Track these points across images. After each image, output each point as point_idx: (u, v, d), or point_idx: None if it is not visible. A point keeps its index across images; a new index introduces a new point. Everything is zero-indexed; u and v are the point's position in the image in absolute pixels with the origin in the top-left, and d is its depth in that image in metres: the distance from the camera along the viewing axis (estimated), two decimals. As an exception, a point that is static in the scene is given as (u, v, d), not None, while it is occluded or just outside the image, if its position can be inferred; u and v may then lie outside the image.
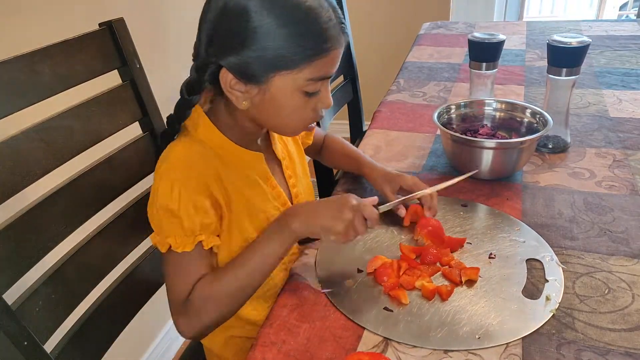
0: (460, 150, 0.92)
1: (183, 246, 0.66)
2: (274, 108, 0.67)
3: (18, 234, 0.63)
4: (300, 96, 0.65)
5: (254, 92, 0.65)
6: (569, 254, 0.73)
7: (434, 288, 0.67)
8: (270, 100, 0.66)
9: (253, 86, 0.65)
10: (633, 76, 1.33)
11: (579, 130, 1.08)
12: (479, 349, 0.59)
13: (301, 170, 0.86)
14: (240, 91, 0.65)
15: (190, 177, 0.66)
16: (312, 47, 0.62)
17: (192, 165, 0.68)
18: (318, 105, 0.68)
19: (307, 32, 0.61)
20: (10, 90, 0.64)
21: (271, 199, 0.76)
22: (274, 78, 0.64)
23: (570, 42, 0.93)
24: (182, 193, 0.65)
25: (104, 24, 0.79)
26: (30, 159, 0.66)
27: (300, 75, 0.63)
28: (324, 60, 0.63)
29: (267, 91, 0.65)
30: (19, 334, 0.60)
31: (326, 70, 0.65)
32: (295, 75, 0.63)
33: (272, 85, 0.64)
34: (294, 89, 0.65)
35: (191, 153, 0.69)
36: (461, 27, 1.87)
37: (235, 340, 0.82)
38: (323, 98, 0.68)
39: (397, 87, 1.38)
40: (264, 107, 0.67)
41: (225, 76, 0.64)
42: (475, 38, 1.04)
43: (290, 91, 0.65)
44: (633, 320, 0.62)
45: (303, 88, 0.65)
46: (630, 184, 0.89)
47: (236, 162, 0.72)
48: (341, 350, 0.60)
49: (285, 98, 0.65)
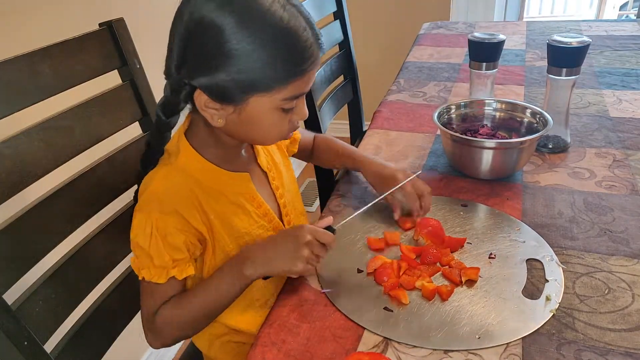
0: (460, 150, 0.92)
1: (157, 278, 0.67)
2: (250, 125, 0.66)
3: (18, 234, 0.63)
4: (276, 113, 0.65)
5: (229, 111, 0.64)
6: (569, 254, 0.73)
7: (434, 288, 0.67)
8: (246, 118, 0.65)
9: (228, 106, 0.63)
10: (633, 76, 1.33)
11: (579, 130, 1.08)
12: (479, 349, 0.59)
13: (288, 180, 0.85)
14: (216, 109, 0.64)
15: (164, 214, 0.65)
16: (289, 70, 0.61)
17: (168, 200, 0.66)
18: (294, 118, 0.68)
19: (285, 55, 0.60)
20: (10, 90, 0.64)
21: (257, 218, 0.74)
22: (250, 99, 0.62)
23: (570, 42, 0.93)
24: (153, 232, 0.65)
25: (104, 24, 0.80)
26: (31, 159, 0.66)
27: (277, 96, 0.62)
28: (301, 81, 0.63)
29: (243, 111, 0.64)
30: (19, 334, 0.60)
31: (303, 88, 0.64)
32: (272, 96, 0.62)
33: (248, 105, 0.63)
34: (270, 108, 0.64)
35: (171, 184, 0.67)
36: (461, 27, 1.87)
37: (231, 344, 0.81)
38: (299, 111, 0.67)
39: (397, 87, 1.38)
40: (240, 124, 0.66)
41: (200, 97, 0.62)
42: (475, 38, 1.04)
43: (267, 110, 0.64)
44: (633, 320, 0.62)
45: (279, 106, 0.64)
46: (630, 183, 0.89)
47: (219, 187, 0.71)
48: (341, 350, 0.60)
49: (262, 116, 0.65)
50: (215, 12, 0.57)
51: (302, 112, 0.68)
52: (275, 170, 0.81)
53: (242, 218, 0.73)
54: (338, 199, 0.91)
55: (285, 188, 0.82)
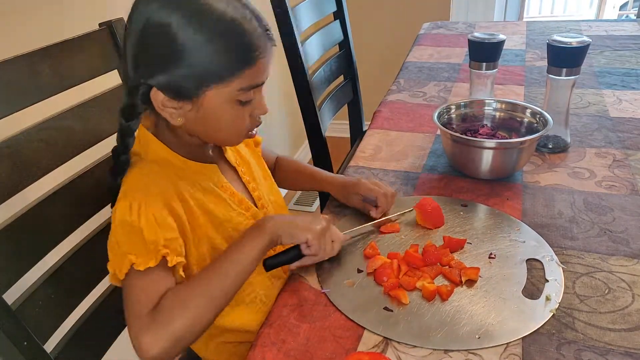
0: (460, 150, 0.92)
1: (145, 263, 0.61)
2: (210, 121, 0.66)
3: (18, 234, 0.63)
4: (234, 106, 0.65)
5: (187, 108, 0.65)
6: (569, 254, 0.73)
7: (435, 289, 0.67)
8: (204, 114, 0.65)
9: (186, 102, 0.64)
10: (633, 76, 1.33)
11: (579, 130, 1.08)
12: (479, 348, 0.59)
13: (261, 174, 0.85)
14: (174, 108, 0.64)
15: (150, 195, 0.64)
16: (239, 59, 0.62)
17: (151, 185, 0.66)
18: (255, 112, 0.68)
19: (232, 45, 0.61)
20: (10, 90, 0.64)
21: (234, 206, 0.75)
22: (205, 93, 0.63)
23: (570, 42, 0.93)
24: (141, 208, 0.63)
25: (104, 24, 0.80)
26: (31, 159, 0.66)
27: (231, 86, 0.63)
28: (253, 70, 0.64)
29: (201, 106, 0.64)
30: (19, 333, 0.60)
31: (256, 78, 0.65)
32: (226, 87, 0.63)
33: (205, 100, 0.64)
34: (227, 100, 0.65)
35: (149, 174, 0.67)
36: (461, 27, 1.87)
37: (227, 345, 0.81)
38: (258, 105, 0.68)
39: (397, 87, 1.38)
40: (200, 121, 0.66)
41: (156, 96, 0.63)
42: (475, 38, 1.04)
43: (224, 103, 0.65)
44: (633, 320, 0.62)
45: (236, 98, 0.65)
46: (630, 183, 0.89)
47: (192, 176, 0.71)
48: (341, 350, 0.60)
49: (220, 110, 0.65)
50: (159, 11, 0.59)
51: (262, 106, 0.69)
52: (244, 165, 0.82)
53: (219, 205, 0.73)
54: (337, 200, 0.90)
55: (257, 182, 0.82)
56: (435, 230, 0.79)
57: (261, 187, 0.82)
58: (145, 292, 0.61)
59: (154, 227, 0.62)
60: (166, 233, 0.63)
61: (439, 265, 0.71)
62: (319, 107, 1.36)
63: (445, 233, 0.78)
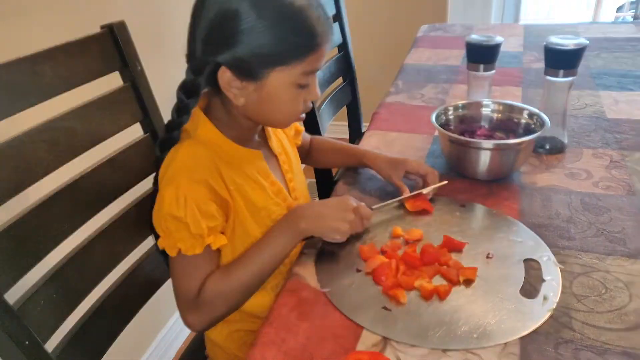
0: (458, 151, 0.92)
1: (192, 249, 0.68)
2: (269, 102, 0.70)
3: (20, 234, 0.64)
4: (293, 89, 0.69)
5: (250, 89, 0.68)
6: (566, 254, 0.74)
7: (433, 288, 0.67)
8: (266, 95, 0.69)
9: (250, 82, 0.67)
10: (630, 78, 1.34)
11: (576, 131, 1.09)
12: (478, 348, 0.59)
13: (297, 168, 0.88)
14: (238, 88, 0.68)
15: (194, 182, 0.68)
16: (304, 44, 0.66)
17: (196, 168, 0.69)
18: (308, 97, 0.72)
19: (299, 31, 0.65)
20: (12, 92, 0.65)
21: (272, 195, 0.78)
22: (270, 74, 0.67)
23: (567, 44, 0.93)
24: (187, 200, 0.67)
25: (105, 27, 0.80)
26: (32, 160, 0.66)
27: (294, 70, 0.67)
28: (315, 56, 0.67)
29: (264, 87, 0.68)
30: (20, 333, 0.60)
31: (316, 64, 0.69)
32: (290, 70, 0.67)
33: (269, 81, 0.67)
34: (289, 83, 0.68)
35: (195, 155, 0.70)
36: (459, 29, 1.88)
37: (240, 333, 0.83)
38: (312, 90, 0.72)
39: (395, 89, 1.39)
40: (260, 102, 0.70)
41: (223, 74, 0.66)
42: (472, 40, 1.05)
43: (286, 85, 0.68)
44: (630, 319, 0.62)
45: (297, 81, 0.68)
46: (627, 184, 0.89)
47: (236, 161, 0.74)
48: (340, 350, 0.60)
49: (281, 92, 0.69)
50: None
51: (315, 92, 0.73)
52: (285, 155, 0.85)
53: (259, 193, 0.76)
54: (337, 199, 0.91)
55: (294, 173, 0.85)
56: (439, 228, 0.79)
57: (295, 179, 0.85)
58: (192, 276, 0.70)
59: (198, 220, 0.67)
60: (209, 221, 0.69)
61: (437, 265, 0.72)
62: (318, 109, 1.36)
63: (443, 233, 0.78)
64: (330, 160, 1.01)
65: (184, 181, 0.67)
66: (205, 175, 0.69)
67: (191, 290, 0.70)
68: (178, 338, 1.61)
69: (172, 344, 1.59)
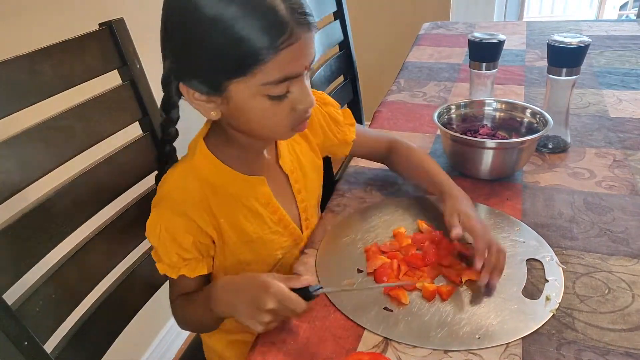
0: (460, 150, 0.92)
1: (169, 273, 0.70)
2: (243, 115, 0.62)
3: (18, 234, 0.63)
4: (264, 101, 0.60)
5: (218, 102, 0.62)
6: (569, 254, 0.73)
7: (435, 289, 0.67)
8: (236, 108, 0.61)
9: (215, 96, 0.61)
10: (633, 76, 1.33)
11: (579, 130, 1.08)
12: (479, 349, 0.59)
13: (314, 184, 0.83)
14: (204, 101, 0.62)
15: (175, 214, 0.67)
16: (256, 49, 0.55)
17: (181, 201, 0.67)
18: (297, 106, 0.62)
19: (247, 34, 0.55)
20: (10, 91, 0.64)
21: (271, 224, 0.74)
22: (229, 86, 0.59)
23: (570, 42, 0.93)
24: (162, 231, 0.66)
25: (104, 24, 0.80)
26: (31, 159, 0.66)
27: (253, 81, 0.58)
28: (277, 61, 0.57)
29: (230, 99, 0.61)
30: (19, 334, 0.60)
31: (284, 70, 0.58)
32: (248, 81, 0.58)
33: (231, 94, 0.60)
34: (254, 94, 0.59)
35: (183, 187, 0.68)
36: (461, 27, 1.87)
37: (239, 343, 0.82)
38: (300, 98, 0.61)
39: (397, 87, 1.38)
40: (235, 115, 0.63)
41: (185, 90, 0.62)
42: (475, 38, 1.04)
43: (251, 98, 0.60)
44: (633, 320, 0.62)
45: (264, 92, 0.59)
46: (630, 184, 0.89)
47: (232, 191, 0.70)
48: (341, 350, 0.60)
49: (249, 106, 0.61)
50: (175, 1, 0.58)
51: (305, 100, 0.62)
52: (300, 173, 0.79)
53: (253, 222, 0.72)
54: (338, 199, 0.91)
55: (309, 192, 0.81)
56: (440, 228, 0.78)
57: (310, 199, 0.81)
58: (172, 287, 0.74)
59: (170, 252, 0.67)
60: (183, 254, 0.68)
61: (439, 266, 0.71)
62: (319, 107, 1.36)
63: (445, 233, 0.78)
64: (411, 176, 0.89)
65: (165, 211, 0.67)
66: (188, 209, 0.67)
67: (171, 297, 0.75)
68: (178, 338, 1.61)
69: (172, 345, 1.59)
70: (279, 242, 0.75)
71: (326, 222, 0.84)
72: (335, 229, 0.81)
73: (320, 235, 0.80)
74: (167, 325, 1.58)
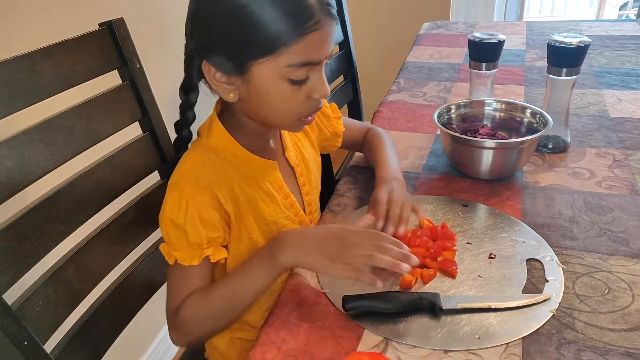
0: (460, 150, 0.92)
1: (190, 260, 0.65)
2: (261, 98, 0.64)
3: (18, 234, 0.63)
4: (285, 85, 0.62)
5: (238, 83, 0.63)
6: (569, 254, 0.73)
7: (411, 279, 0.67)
8: (255, 91, 0.63)
9: (236, 77, 0.63)
10: (633, 76, 1.33)
11: (579, 130, 1.08)
12: (479, 349, 0.59)
13: (315, 179, 0.84)
14: (225, 83, 0.63)
15: (199, 189, 0.65)
16: (286, 29, 0.58)
17: (203, 176, 0.66)
18: (313, 95, 0.64)
19: (280, 15, 0.57)
20: (10, 91, 0.64)
21: (283, 208, 0.74)
22: (252, 67, 0.61)
23: (570, 42, 0.93)
24: (189, 206, 0.64)
25: (104, 24, 0.80)
26: (31, 159, 0.66)
27: (278, 61, 0.60)
28: (303, 44, 0.59)
29: (250, 81, 0.62)
30: (19, 334, 0.60)
31: (308, 55, 0.60)
32: (273, 62, 0.60)
33: (253, 75, 0.61)
34: (276, 77, 0.61)
35: (204, 163, 0.68)
36: (461, 27, 1.87)
37: (242, 341, 0.82)
38: (316, 86, 0.64)
39: (397, 87, 1.38)
40: (252, 99, 0.64)
41: (207, 69, 0.63)
42: (475, 38, 1.04)
43: (273, 80, 0.61)
44: (633, 320, 0.62)
45: (286, 75, 0.61)
46: (630, 184, 0.89)
47: (249, 171, 0.71)
48: (341, 350, 0.60)
49: (269, 88, 0.62)
50: None
51: (321, 88, 0.64)
52: (304, 167, 0.81)
53: (269, 205, 0.72)
54: (338, 198, 0.91)
55: (312, 186, 0.82)
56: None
57: (314, 191, 0.82)
58: (181, 291, 0.66)
59: (198, 229, 0.64)
60: (210, 232, 0.65)
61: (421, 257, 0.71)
62: (319, 107, 1.36)
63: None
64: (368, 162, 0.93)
65: (188, 187, 0.64)
66: (212, 183, 0.66)
67: (175, 304, 0.66)
68: (179, 337, 1.61)
69: (172, 346, 1.58)
70: (290, 228, 0.75)
71: (326, 222, 0.84)
72: (335, 229, 0.81)
73: (320, 235, 0.80)
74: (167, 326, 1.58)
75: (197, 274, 0.67)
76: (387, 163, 0.84)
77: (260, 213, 0.71)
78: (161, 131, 0.88)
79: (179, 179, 0.66)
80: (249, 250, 0.72)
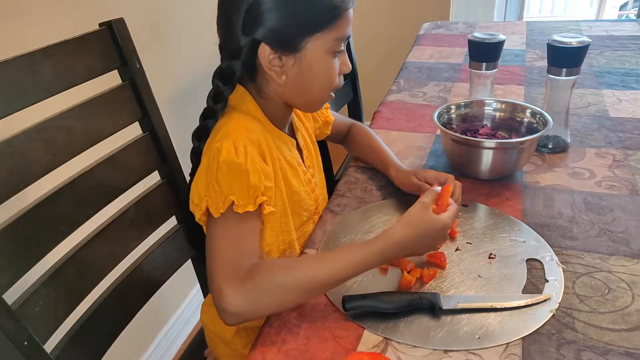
0: (460, 150, 0.92)
1: (245, 206, 0.62)
2: (309, 75, 0.70)
3: (18, 234, 0.63)
4: (330, 58, 0.70)
5: (290, 64, 0.69)
6: (569, 254, 0.73)
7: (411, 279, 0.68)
8: (306, 66, 0.69)
9: (289, 56, 0.68)
10: (633, 76, 1.33)
11: (579, 130, 1.08)
12: (479, 349, 0.59)
13: (317, 164, 0.89)
14: (278, 66, 0.69)
15: (251, 139, 0.67)
16: (334, 8, 0.67)
17: (251, 130, 0.69)
18: (343, 68, 0.73)
19: None
20: (10, 90, 0.64)
21: (305, 183, 0.79)
22: (307, 43, 0.68)
23: (570, 42, 0.93)
24: (248, 149, 0.64)
25: (104, 24, 0.80)
26: (31, 159, 0.66)
27: (329, 36, 0.68)
28: (344, 20, 0.69)
29: (303, 59, 0.69)
30: (19, 334, 0.60)
31: (346, 29, 0.70)
32: (325, 37, 0.68)
33: (307, 51, 0.68)
34: (326, 50, 0.69)
35: (248, 121, 0.71)
36: (461, 27, 1.88)
37: (248, 331, 0.82)
38: (344, 60, 0.73)
39: (397, 87, 1.38)
40: (299, 76, 0.70)
41: (264, 51, 0.67)
42: (475, 38, 1.04)
43: (323, 54, 0.69)
44: (633, 320, 0.62)
45: (332, 49, 0.69)
46: (630, 184, 0.89)
47: (278, 142, 0.75)
48: (341, 350, 0.60)
49: (319, 62, 0.70)
50: None
51: (348, 63, 0.74)
52: (308, 151, 0.85)
53: (294, 176, 0.77)
54: (338, 199, 0.91)
55: (316, 170, 0.86)
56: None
57: (318, 175, 0.86)
58: (239, 241, 0.62)
59: (258, 172, 0.64)
60: (266, 180, 0.66)
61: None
62: (319, 107, 1.36)
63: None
64: (362, 154, 1.00)
65: (241, 136, 0.65)
66: (259, 139, 0.68)
67: (236, 257, 0.61)
68: (178, 338, 1.61)
69: (172, 345, 1.59)
70: (308, 203, 0.80)
71: (326, 222, 0.84)
72: (335, 229, 0.81)
73: (320, 235, 0.80)
74: (167, 326, 1.58)
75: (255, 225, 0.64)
76: (396, 160, 0.92)
77: (288, 182, 0.75)
78: (161, 131, 0.88)
79: (228, 132, 0.66)
80: (278, 219, 0.73)
